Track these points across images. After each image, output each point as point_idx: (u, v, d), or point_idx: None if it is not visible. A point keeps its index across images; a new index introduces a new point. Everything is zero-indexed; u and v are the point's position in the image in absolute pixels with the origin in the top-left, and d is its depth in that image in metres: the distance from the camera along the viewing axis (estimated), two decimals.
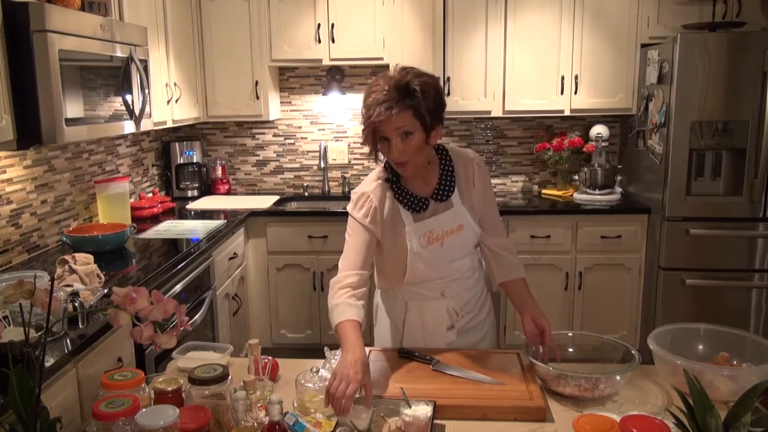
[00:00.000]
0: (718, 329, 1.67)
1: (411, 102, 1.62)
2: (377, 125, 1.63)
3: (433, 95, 1.66)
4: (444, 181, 1.81)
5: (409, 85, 1.62)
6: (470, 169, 1.84)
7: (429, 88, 1.65)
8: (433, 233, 1.79)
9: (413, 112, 1.62)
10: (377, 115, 1.61)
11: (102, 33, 2.43)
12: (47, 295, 1.06)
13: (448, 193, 1.81)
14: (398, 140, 1.65)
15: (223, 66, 3.90)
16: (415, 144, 1.66)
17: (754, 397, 1.10)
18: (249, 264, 3.77)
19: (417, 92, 1.62)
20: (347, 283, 1.72)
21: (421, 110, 1.63)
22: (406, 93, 1.62)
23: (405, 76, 1.64)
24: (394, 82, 1.62)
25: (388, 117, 1.61)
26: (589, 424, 1.27)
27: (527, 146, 4.26)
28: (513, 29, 3.76)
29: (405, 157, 1.68)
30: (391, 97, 1.60)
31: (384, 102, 1.60)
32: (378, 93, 1.62)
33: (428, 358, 1.70)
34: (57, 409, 1.60)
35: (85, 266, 2.23)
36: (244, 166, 4.42)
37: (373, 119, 1.62)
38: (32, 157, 2.72)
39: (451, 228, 1.80)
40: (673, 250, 3.46)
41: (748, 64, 3.24)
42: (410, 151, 1.67)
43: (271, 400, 1.25)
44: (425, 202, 1.79)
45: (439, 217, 1.80)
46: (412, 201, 1.79)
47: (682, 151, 3.36)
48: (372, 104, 1.63)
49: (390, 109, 1.60)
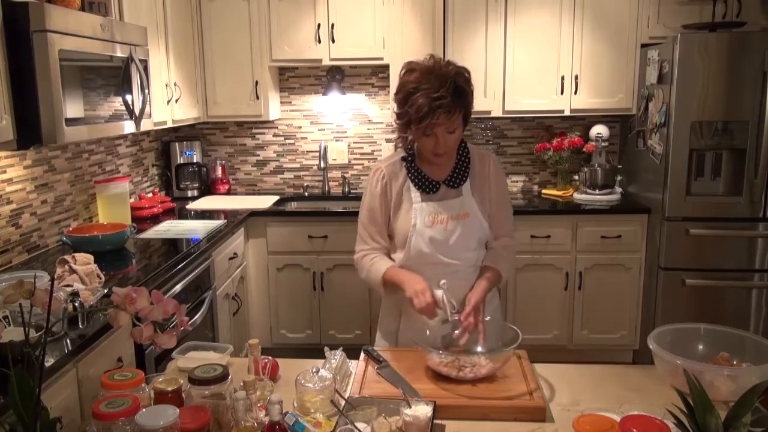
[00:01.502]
0: (718, 329, 1.66)
1: (464, 103, 1.73)
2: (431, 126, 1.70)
3: (471, 91, 1.77)
4: (458, 169, 1.88)
5: (461, 85, 1.71)
6: (487, 165, 1.92)
7: (469, 85, 1.76)
8: (439, 215, 1.85)
9: (463, 111, 1.74)
10: (436, 118, 1.68)
11: (102, 33, 2.43)
12: (47, 295, 1.06)
13: (461, 181, 1.88)
14: (444, 137, 1.75)
15: (223, 66, 3.90)
16: (457, 137, 1.79)
17: (754, 397, 1.10)
18: (249, 264, 3.77)
19: (467, 92, 1.72)
20: (367, 253, 1.92)
21: (468, 109, 1.76)
22: (460, 94, 1.71)
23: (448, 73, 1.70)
24: (449, 82, 1.68)
25: (446, 119, 1.70)
26: (589, 424, 1.26)
27: (527, 146, 4.26)
28: (513, 29, 3.77)
29: (448, 149, 1.80)
30: (450, 101, 1.68)
31: (444, 105, 1.67)
32: (431, 91, 1.67)
33: (381, 359, 1.69)
34: (57, 409, 1.60)
35: (85, 266, 2.23)
36: (244, 166, 4.42)
37: (432, 121, 1.69)
38: (32, 157, 2.72)
39: (457, 214, 1.85)
40: (673, 250, 3.46)
41: (748, 64, 3.24)
42: (452, 144, 1.80)
43: (271, 400, 1.25)
44: (436, 185, 1.87)
45: (448, 202, 1.86)
46: (424, 182, 1.87)
47: (682, 151, 3.36)
48: (426, 103, 1.67)
49: (450, 112, 1.69)
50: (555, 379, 1.66)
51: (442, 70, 1.71)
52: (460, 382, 1.58)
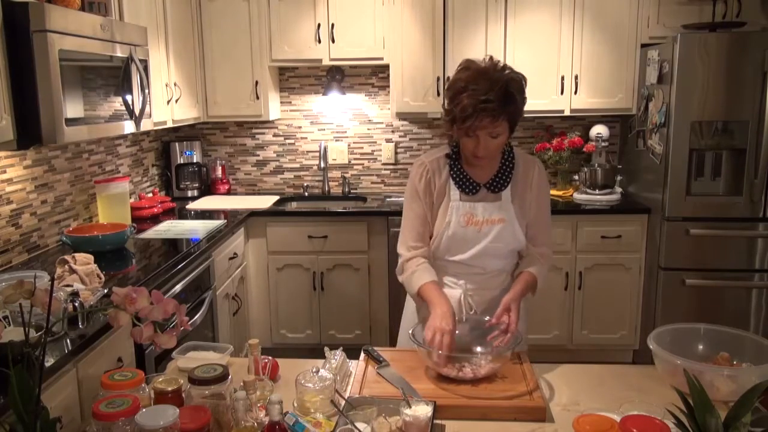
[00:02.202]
0: (718, 329, 1.66)
1: (510, 109, 1.68)
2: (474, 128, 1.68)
3: (523, 99, 1.73)
4: (501, 174, 1.85)
5: (511, 91, 1.67)
6: (531, 172, 1.88)
7: (522, 94, 1.72)
8: (474, 216, 1.83)
9: (509, 118, 1.69)
10: (479, 121, 1.66)
11: (102, 33, 2.43)
12: (47, 295, 1.06)
13: (502, 186, 1.85)
14: (486, 140, 1.72)
15: (223, 66, 3.90)
16: (500, 143, 1.75)
17: (754, 397, 1.10)
18: (249, 264, 3.77)
19: (516, 99, 1.68)
20: (415, 254, 1.86)
21: (515, 116, 1.70)
22: (508, 100, 1.67)
23: (500, 78, 1.67)
24: (499, 87, 1.65)
25: (490, 123, 1.67)
26: (589, 424, 1.27)
27: (527, 146, 4.26)
28: (513, 29, 3.76)
29: (489, 153, 1.76)
30: (496, 105, 1.64)
31: (489, 110, 1.64)
32: (478, 93, 1.64)
33: (381, 359, 1.69)
34: (57, 409, 1.60)
35: (85, 266, 2.23)
36: (244, 166, 4.42)
37: (475, 124, 1.66)
38: (32, 157, 2.72)
39: (492, 218, 1.83)
40: (673, 250, 3.46)
41: (748, 64, 3.24)
42: (495, 148, 1.76)
43: (271, 400, 1.25)
44: (477, 187, 1.85)
45: (485, 205, 1.84)
46: (465, 183, 1.85)
47: (682, 151, 3.36)
48: (471, 105, 1.65)
49: (494, 117, 1.66)
50: (555, 379, 1.66)
51: (495, 73, 1.68)
52: (460, 382, 1.58)
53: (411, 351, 1.76)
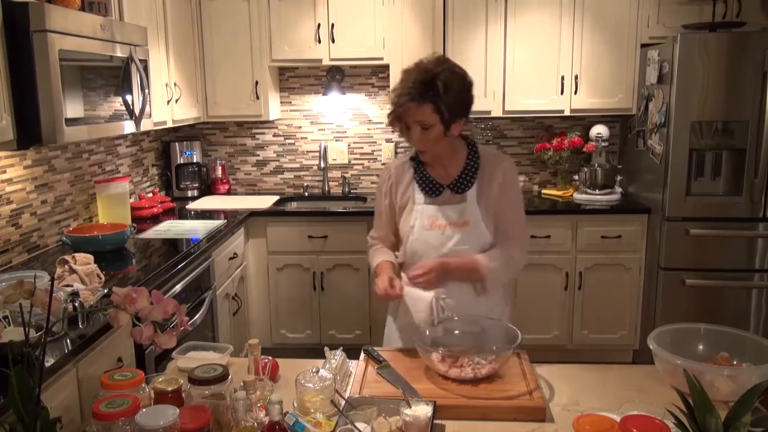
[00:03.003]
0: (718, 329, 1.66)
1: (431, 97, 1.69)
2: (400, 114, 1.74)
3: (457, 91, 1.73)
4: (465, 175, 1.86)
5: (434, 79, 1.69)
6: (498, 171, 1.87)
7: (453, 84, 1.72)
8: (437, 219, 1.84)
9: (433, 106, 1.70)
10: (399, 106, 1.73)
11: (102, 33, 2.43)
12: (47, 295, 1.06)
13: (466, 187, 1.85)
14: (417, 130, 1.75)
15: (223, 66, 3.90)
16: (434, 136, 1.75)
17: (754, 397, 1.10)
18: (249, 264, 3.77)
19: (439, 88, 1.69)
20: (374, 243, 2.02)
21: (440, 106, 1.70)
22: (429, 88, 1.69)
23: (433, 69, 1.71)
24: (421, 76, 1.70)
25: (408, 109, 1.71)
26: (589, 424, 1.27)
27: (527, 146, 4.26)
28: (513, 29, 3.77)
29: (423, 146, 1.79)
30: (414, 91, 1.69)
31: (407, 94, 1.70)
32: (405, 83, 1.72)
33: (381, 359, 1.69)
34: (57, 409, 1.60)
35: (85, 266, 2.23)
36: (244, 166, 4.42)
37: (395, 109, 1.74)
38: (32, 157, 2.72)
39: (457, 221, 1.83)
40: (673, 250, 3.46)
41: (748, 64, 3.24)
42: (429, 141, 1.77)
43: (271, 400, 1.25)
44: (440, 188, 1.86)
45: (450, 207, 1.85)
46: (429, 184, 1.87)
47: (682, 151, 3.36)
48: (398, 93, 1.73)
49: (411, 101, 1.70)
50: (555, 379, 1.66)
51: (428, 65, 1.73)
52: (460, 382, 1.58)
53: (411, 351, 1.76)
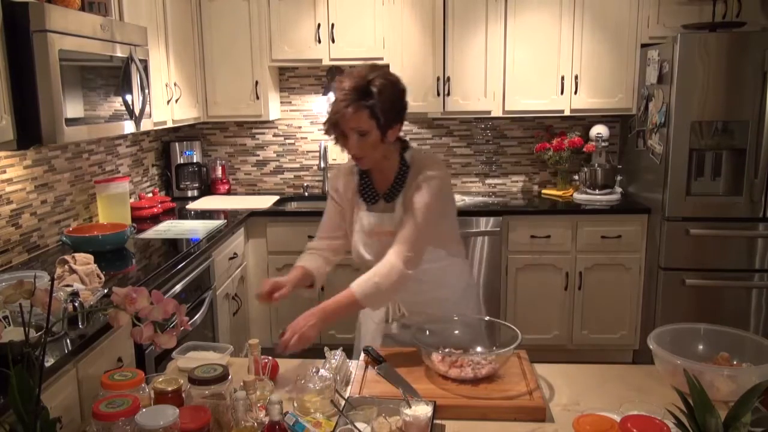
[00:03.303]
0: (718, 329, 1.66)
1: (367, 103, 1.69)
2: (336, 122, 1.73)
3: (391, 96, 1.73)
4: (396, 183, 1.86)
5: (368, 85, 1.69)
6: (419, 177, 1.81)
7: (387, 90, 1.72)
8: (375, 228, 1.87)
9: (369, 112, 1.70)
10: (335, 113, 1.72)
11: (102, 33, 2.43)
12: (47, 295, 1.06)
13: (394, 195, 1.85)
14: (354, 137, 1.74)
15: (223, 66, 3.90)
16: (371, 142, 1.74)
17: (754, 397, 1.10)
18: (249, 264, 3.77)
19: (374, 93, 1.69)
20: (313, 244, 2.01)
21: (376, 111, 1.70)
22: (364, 94, 1.69)
23: (367, 75, 1.71)
24: (355, 82, 1.70)
25: (344, 115, 1.70)
26: (589, 424, 1.27)
27: (527, 146, 4.26)
28: (513, 29, 3.77)
29: (360, 153, 1.77)
30: (349, 97, 1.69)
31: (342, 100, 1.70)
32: (340, 91, 1.71)
33: (381, 359, 1.70)
34: (57, 409, 1.60)
35: (85, 266, 2.23)
36: (244, 166, 4.42)
37: (331, 116, 1.73)
38: (32, 157, 2.72)
39: (391, 230, 1.83)
40: (673, 250, 3.46)
41: (748, 64, 3.24)
42: (366, 148, 1.76)
43: (271, 400, 1.25)
44: (377, 197, 1.88)
45: (386, 216, 1.86)
46: (368, 192, 1.89)
47: (682, 151, 3.36)
48: (334, 101, 1.73)
49: (347, 108, 1.69)
50: (555, 379, 1.66)
51: (361, 72, 1.73)
52: (460, 382, 1.58)
53: (411, 351, 1.76)
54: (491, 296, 3.71)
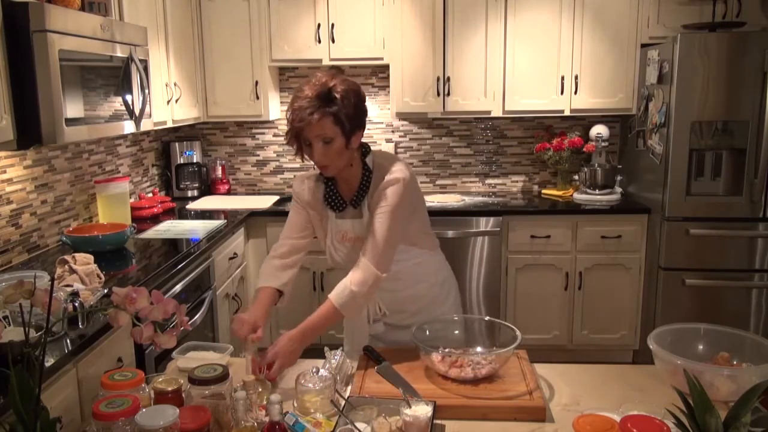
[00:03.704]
0: (718, 329, 1.66)
1: (331, 109, 1.67)
2: (299, 130, 1.69)
3: (354, 102, 1.71)
4: (361, 189, 1.85)
5: (330, 92, 1.67)
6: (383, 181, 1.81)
7: (350, 95, 1.70)
8: (347, 234, 1.88)
9: (333, 119, 1.68)
10: (299, 121, 1.67)
11: (102, 33, 2.43)
12: (47, 295, 1.06)
13: (360, 200, 1.85)
14: (320, 145, 1.71)
15: (223, 66, 3.90)
16: (336, 149, 1.72)
17: (754, 397, 1.10)
18: (249, 264, 3.77)
19: (337, 99, 1.68)
20: (276, 254, 1.95)
21: (341, 117, 1.68)
22: (327, 100, 1.67)
23: (328, 82, 1.69)
24: (317, 90, 1.67)
25: (309, 123, 1.67)
26: (589, 424, 1.27)
27: (527, 146, 4.26)
28: (513, 29, 3.77)
29: (326, 161, 1.74)
30: (313, 105, 1.66)
31: (306, 108, 1.66)
32: (302, 100, 1.68)
33: (381, 359, 1.70)
34: (57, 409, 1.60)
35: (85, 266, 2.23)
36: (244, 166, 4.42)
37: (295, 125, 1.69)
38: (32, 157, 2.72)
39: (361, 235, 1.84)
40: (673, 250, 3.46)
41: (748, 64, 3.24)
42: (331, 155, 1.73)
43: (271, 400, 1.25)
44: (344, 204, 1.87)
45: (355, 221, 1.86)
46: (334, 200, 1.88)
47: (682, 151, 3.36)
48: (296, 110, 1.68)
49: (311, 115, 1.66)
50: (555, 379, 1.66)
51: (321, 79, 1.70)
52: (460, 382, 1.58)
53: (411, 351, 1.75)
54: (491, 296, 3.72)
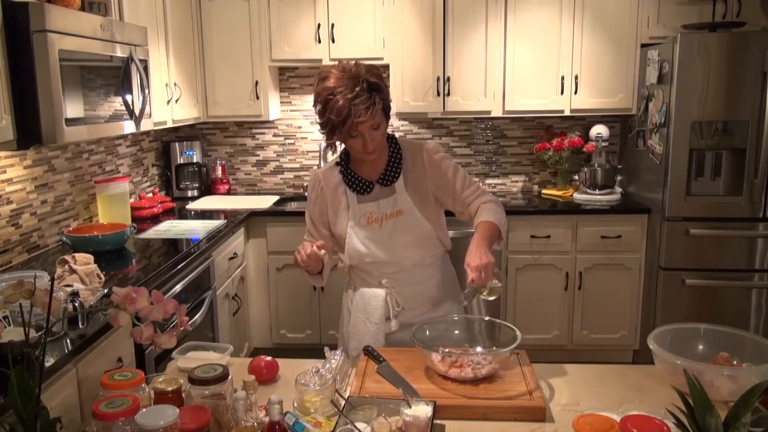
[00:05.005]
0: (718, 329, 1.66)
1: (381, 97, 1.73)
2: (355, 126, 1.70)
3: (385, 85, 1.78)
4: (391, 167, 1.89)
5: (375, 82, 1.72)
6: (420, 156, 1.90)
7: (382, 77, 1.77)
8: (373, 215, 1.87)
9: (383, 106, 1.74)
10: (357, 116, 1.68)
11: (102, 33, 2.43)
12: (47, 295, 1.06)
13: (393, 178, 1.88)
14: (372, 133, 1.75)
15: (223, 66, 3.90)
16: (382, 133, 1.79)
17: (754, 397, 1.10)
18: (249, 264, 3.77)
19: (380, 85, 1.73)
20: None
21: (388, 102, 1.76)
22: (377, 89, 1.72)
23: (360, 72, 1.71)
24: (358, 82, 1.69)
25: (369, 116, 1.70)
26: (589, 424, 1.27)
27: (527, 146, 4.26)
28: (513, 29, 3.77)
29: (375, 146, 1.79)
30: (367, 97, 1.69)
31: (361, 104, 1.67)
32: (347, 92, 1.68)
33: (381, 359, 1.70)
34: (57, 409, 1.60)
35: (85, 266, 2.23)
36: (244, 166, 4.42)
37: (354, 120, 1.69)
38: (32, 157, 2.72)
39: (390, 212, 1.86)
40: (673, 250, 3.46)
41: (748, 64, 3.24)
42: (379, 139, 1.79)
43: (271, 400, 1.25)
44: (370, 185, 1.88)
45: (381, 202, 1.88)
46: (358, 183, 1.89)
47: (682, 151, 3.36)
48: (345, 105, 1.68)
49: (369, 109, 1.69)
50: (555, 379, 1.66)
51: (352, 70, 1.72)
52: (460, 382, 1.58)
53: (411, 351, 1.76)
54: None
